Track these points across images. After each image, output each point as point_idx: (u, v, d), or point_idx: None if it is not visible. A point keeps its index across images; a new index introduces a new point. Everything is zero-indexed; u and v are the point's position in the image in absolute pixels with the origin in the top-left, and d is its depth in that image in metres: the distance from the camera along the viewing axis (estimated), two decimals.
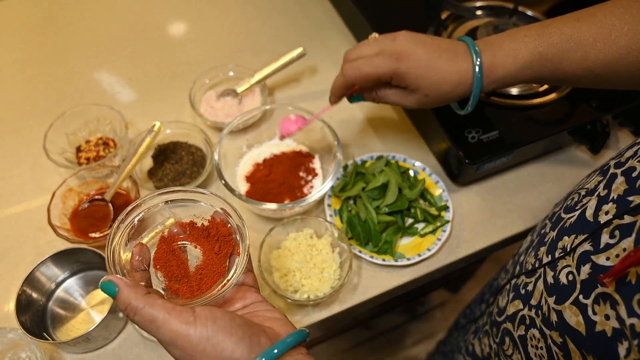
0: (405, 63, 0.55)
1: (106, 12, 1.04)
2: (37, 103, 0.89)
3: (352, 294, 0.69)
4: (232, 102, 0.86)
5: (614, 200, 0.42)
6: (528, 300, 0.51)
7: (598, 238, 0.42)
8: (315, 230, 0.70)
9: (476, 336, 0.70)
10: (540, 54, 0.53)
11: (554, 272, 0.47)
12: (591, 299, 0.40)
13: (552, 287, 0.47)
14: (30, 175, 0.79)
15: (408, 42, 0.55)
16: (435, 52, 0.55)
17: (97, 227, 0.70)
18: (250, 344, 0.35)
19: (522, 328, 0.52)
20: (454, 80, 0.55)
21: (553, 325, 0.45)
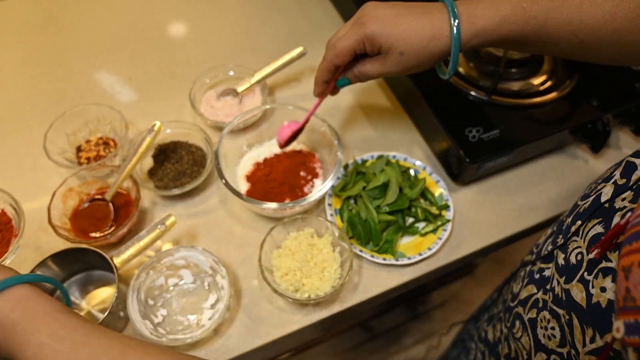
0: (371, 25, 0.53)
1: (106, 12, 1.04)
2: (38, 103, 0.89)
3: (352, 294, 0.69)
4: (232, 101, 0.86)
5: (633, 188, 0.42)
6: (543, 285, 0.52)
7: (610, 222, 0.42)
8: (316, 229, 0.70)
9: (490, 323, 0.70)
10: (523, 9, 0.51)
11: (565, 254, 0.48)
12: (593, 275, 0.42)
13: (563, 268, 0.48)
14: (31, 176, 0.79)
15: (373, 6, 0.55)
16: (402, 9, 0.54)
17: (98, 227, 0.70)
18: None
19: (533, 311, 0.53)
20: (427, 33, 0.53)
21: (563, 305, 0.46)
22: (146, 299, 0.65)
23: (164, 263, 0.67)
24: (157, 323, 0.64)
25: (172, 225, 0.66)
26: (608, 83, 0.79)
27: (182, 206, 0.77)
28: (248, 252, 0.72)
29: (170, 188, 0.74)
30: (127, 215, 0.71)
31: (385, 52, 0.55)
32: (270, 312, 0.67)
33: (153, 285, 0.67)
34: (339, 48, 0.56)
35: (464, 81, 0.79)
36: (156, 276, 0.67)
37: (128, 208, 0.73)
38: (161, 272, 0.67)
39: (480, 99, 0.77)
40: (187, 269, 0.68)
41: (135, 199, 0.70)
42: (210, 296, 0.67)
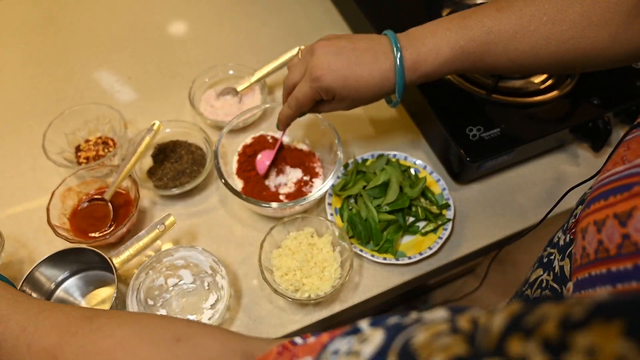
0: (325, 80, 0.55)
1: (106, 12, 1.04)
2: (37, 103, 0.89)
3: (353, 293, 0.69)
4: (232, 100, 0.85)
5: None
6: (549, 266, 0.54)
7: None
8: (316, 229, 0.70)
9: None
10: (461, 48, 0.53)
11: (565, 236, 0.50)
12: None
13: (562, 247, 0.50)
14: (30, 175, 0.79)
15: (324, 54, 0.56)
16: (352, 59, 0.55)
17: (97, 226, 0.70)
18: None
19: (538, 292, 0.54)
20: (376, 83, 0.56)
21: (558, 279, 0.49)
22: (146, 299, 0.65)
23: (163, 263, 0.67)
24: None
25: (171, 225, 0.66)
26: (609, 81, 0.79)
27: (182, 206, 0.76)
28: (248, 251, 0.72)
29: (169, 187, 0.74)
30: (127, 215, 0.71)
31: (339, 99, 0.59)
32: (270, 312, 0.67)
33: (152, 285, 0.66)
34: (301, 100, 0.60)
35: (464, 80, 0.78)
36: (156, 276, 0.67)
37: (127, 208, 0.73)
38: (161, 272, 0.67)
39: (480, 98, 0.76)
40: (187, 269, 0.68)
41: (135, 198, 0.70)
42: (210, 296, 0.67)
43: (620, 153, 0.35)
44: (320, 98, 0.59)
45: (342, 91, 0.56)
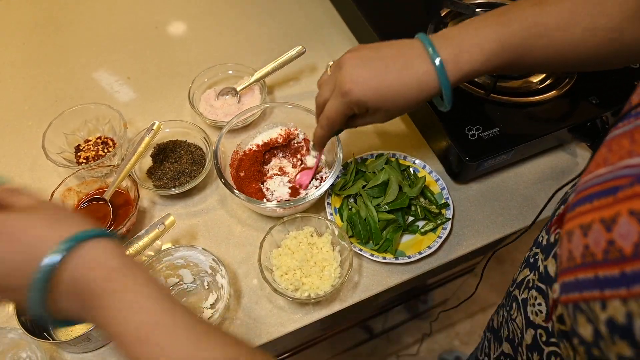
0: (354, 94, 0.53)
1: (106, 11, 1.04)
2: (37, 103, 0.89)
3: (352, 292, 0.69)
4: (231, 100, 0.86)
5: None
6: (535, 266, 0.54)
7: None
8: (315, 228, 0.70)
9: (496, 311, 0.71)
10: (507, 40, 0.51)
11: (548, 235, 0.51)
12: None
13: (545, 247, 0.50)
14: (30, 176, 0.79)
15: (352, 67, 0.53)
16: (381, 68, 0.52)
17: None
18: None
19: (525, 292, 0.54)
20: (411, 89, 0.52)
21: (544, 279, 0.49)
22: None
23: (163, 263, 0.67)
24: None
25: (171, 225, 0.66)
26: (607, 81, 0.79)
27: (182, 205, 0.76)
28: (248, 251, 0.72)
29: (169, 187, 0.74)
30: (126, 214, 0.71)
31: (373, 112, 0.56)
32: (270, 312, 0.67)
33: None
34: (333, 119, 0.57)
35: None
36: (156, 276, 0.67)
37: (127, 208, 0.73)
38: (160, 272, 0.67)
39: (479, 98, 0.77)
40: (187, 269, 0.68)
41: (134, 198, 0.70)
42: (210, 296, 0.67)
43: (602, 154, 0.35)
44: (353, 113, 0.56)
45: (374, 103, 0.53)
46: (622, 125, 0.35)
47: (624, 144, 0.33)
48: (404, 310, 1.51)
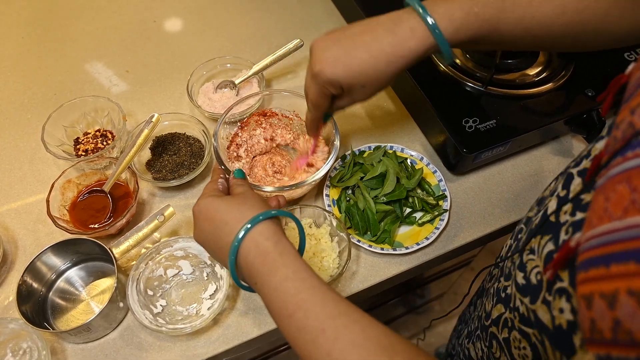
0: (325, 73, 0.53)
1: (105, 5, 1.04)
2: (36, 96, 0.89)
3: (350, 283, 0.70)
4: (229, 93, 0.86)
5: (571, 199, 0.42)
6: (508, 304, 0.52)
7: (558, 236, 0.42)
8: (314, 219, 0.71)
9: (470, 340, 0.71)
10: (476, 14, 0.51)
11: (524, 273, 0.48)
12: (552, 295, 0.41)
13: (525, 288, 0.47)
14: (29, 168, 0.79)
15: (320, 49, 0.54)
16: (348, 45, 0.53)
17: (97, 218, 0.71)
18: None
19: (505, 331, 0.53)
20: (382, 60, 0.52)
21: (533, 324, 0.45)
22: (145, 290, 0.66)
23: (162, 254, 0.67)
24: (156, 313, 0.64)
25: (170, 216, 0.66)
26: (602, 73, 0.80)
27: (181, 197, 0.77)
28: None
29: (168, 179, 0.74)
30: (126, 206, 0.72)
31: (348, 89, 0.56)
32: None
33: (152, 276, 0.67)
34: (314, 101, 0.58)
35: (460, 72, 0.79)
36: (155, 267, 0.67)
37: (126, 199, 0.73)
38: (160, 263, 0.68)
39: (476, 90, 0.77)
40: (186, 260, 0.69)
41: (134, 190, 0.70)
42: (209, 286, 0.68)
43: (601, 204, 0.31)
44: (331, 93, 0.57)
45: (346, 80, 0.54)
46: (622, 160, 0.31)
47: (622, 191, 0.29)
48: (400, 305, 1.52)
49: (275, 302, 0.44)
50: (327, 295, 0.43)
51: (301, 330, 0.42)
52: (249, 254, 0.46)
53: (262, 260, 0.45)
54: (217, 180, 0.56)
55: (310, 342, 0.41)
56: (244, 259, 0.46)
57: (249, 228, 0.46)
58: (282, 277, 0.44)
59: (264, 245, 0.46)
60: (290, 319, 0.43)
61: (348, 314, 0.42)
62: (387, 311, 1.49)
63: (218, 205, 0.50)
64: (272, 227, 0.47)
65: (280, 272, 0.45)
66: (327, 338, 0.41)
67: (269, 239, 0.46)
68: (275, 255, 0.45)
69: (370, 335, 0.41)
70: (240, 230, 0.46)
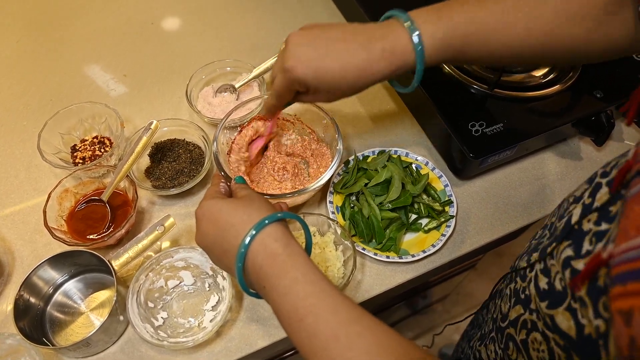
0: (295, 72, 0.52)
1: (101, 7, 1.02)
2: (32, 102, 0.87)
3: (355, 292, 0.68)
4: (229, 98, 0.84)
5: (597, 209, 0.42)
6: (528, 305, 0.51)
7: (580, 244, 0.41)
8: (317, 227, 0.69)
9: (482, 343, 0.69)
10: (441, 39, 0.51)
11: (549, 279, 0.47)
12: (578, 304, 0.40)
13: (546, 293, 0.46)
14: (26, 176, 0.78)
15: (296, 45, 0.53)
16: (322, 49, 0.52)
17: (95, 228, 0.69)
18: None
19: (523, 332, 0.52)
20: (352, 75, 0.52)
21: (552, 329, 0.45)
22: (146, 302, 0.64)
23: (163, 265, 0.66)
24: (157, 326, 0.63)
25: (170, 227, 0.65)
26: (611, 74, 0.78)
27: (181, 205, 0.75)
28: None
29: (168, 187, 0.72)
30: (125, 215, 0.70)
31: (314, 91, 0.55)
32: (273, 313, 0.66)
33: (153, 287, 0.65)
34: (279, 91, 0.57)
35: (465, 74, 0.77)
36: (155, 278, 0.66)
37: (125, 208, 0.71)
38: (160, 274, 0.66)
39: (482, 92, 0.75)
40: (187, 270, 0.67)
41: (133, 199, 0.69)
42: (211, 297, 0.66)
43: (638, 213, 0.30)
44: (296, 89, 0.56)
45: (314, 82, 0.53)
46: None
47: None
48: (404, 306, 1.50)
49: (284, 306, 0.43)
50: (339, 299, 0.42)
51: (311, 336, 0.40)
52: (257, 256, 0.44)
53: (270, 263, 0.44)
54: (219, 184, 0.55)
55: (321, 350, 0.40)
56: (251, 262, 0.45)
57: (257, 230, 0.44)
58: (291, 279, 0.43)
59: (273, 247, 0.44)
60: (300, 324, 0.41)
61: (361, 321, 0.41)
62: (390, 313, 1.48)
63: (222, 206, 0.48)
64: (281, 228, 0.46)
65: (290, 275, 0.43)
66: (340, 346, 0.39)
67: (278, 241, 0.45)
68: (284, 257, 0.44)
69: (385, 344, 0.39)
70: (249, 232, 0.44)
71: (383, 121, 0.85)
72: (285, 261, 0.43)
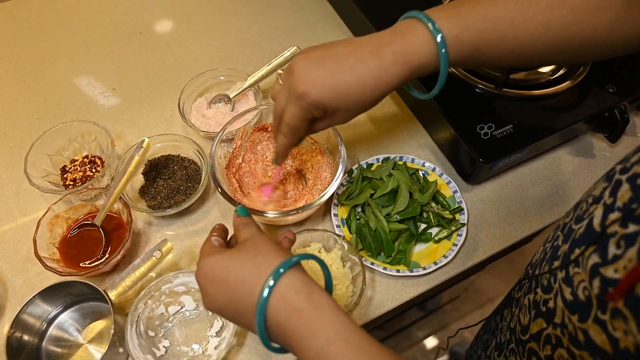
0: (310, 95, 0.49)
1: (85, 18, 0.98)
2: (17, 122, 0.83)
3: (366, 310, 0.65)
4: (224, 108, 0.80)
5: (620, 208, 0.39)
6: (551, 319, 0.48)
7: (606, 249, 0.39)
8: (323, 244, 0.66)
9: (502, 354, 0.66)
10: (455, 37, 0.48)
11: (572, 288, 0.44)
12: (608, 315, 0.37)
13: (573, 304, 0.43)
14: (15, 202, 0.74)
15: (304, 68, 0.50)
16: (334, 66, 0.49)
17: (89, 254, 0.66)
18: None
19: (548, 348, 0.48)
20: (368, 86, 0.50)
21: (582, 345, 0.42)
22: (146, 331, 0.61)
23: (162, 291, 0.62)
24: (159, 356, 0.60)
25: (168, 252, 0.61)
26: (623, 67, 0.74)
27: (179, 224, 0.72)
28: None
29: (164, 207, 0.69)
30: (120, 238, 0.67)
31: (332, 113, 0.52)
32: None
33: (153, 315, 0.62)
34: (294, 124, 0.53)
35: (472, 75, 0.73)
36: (155, 305, 0.62)
37: (120, 231, 0.68)
38: (160, 301, 0.63)
39: (489, 93, 0.72)
40: (188, 295, 0.64)
41: (127, 222, 0.65)
42: (214, 322, 0.63)
43: None
44: (313, 116, 0.53)
45: (332, 102, 0.50)
46: None
47: None
48: (415, 309, 1.48)
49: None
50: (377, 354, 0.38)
51: None
52: (279, 314, 0.40)
53: (296, 321, 0.39)
54: (212, 239, 0.50)
55: None
56: (274, 321, 0.40)
57: (273, 283, 0.40)
58: (323, 340, 0.38)
59: (295, 300, 0.40)
60: None
61: None
62: (402, 317, 1.45)
63: (226, 263, 0.43)
64: (299, 276, 0.41)
65: (321, 334, 0.39)
66: None
67: (299, 293, 0.40)
68: (310, 311, 0.39)
69: None
70: (264, 287, 0.40)
71: (386, 126, 0.81)
72: (312, 317, 0.39)
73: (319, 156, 0.73)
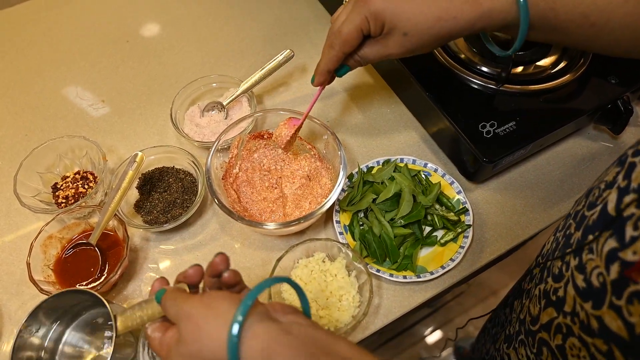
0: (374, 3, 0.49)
1: (70, 28, 0.95)
2: (5, 139, 0.80)
3: (374, 318, 0.63)
4: (218, 116, 0.78)
5: (635, 190, 0.38)
6: (561, 307, 0.47)
7: (622, 232, 0.38)
8: (327, 253, 0.64)
9: (511, 346, 0.65)
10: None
11: (584, 275, 0.43)
12: (624, 300, 0.37)
13: (586, 291, 0.42)
14: (6, 223, 0.72)
15: None
16: None
17: (85, 274, 0.63)
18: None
19: (559, 337, 0.48)
20: (433, 13, 0.49)
21: (595, 333, 0.41)
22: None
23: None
24: None
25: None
26: (624, 58, 0.73)
27: (178, 239, 0.70)
28: (257, 283, 0.65)
29: (161, 222, 0.67)
30: (117, 256, 0.65)
31: (388, 32, 0.51)
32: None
33: None
34: (346, 33, 0.52)
35: (468, 70, 0.72)
36: None
37: (117, 249, 0.66)
38: None
39: (490, 89, 0.70)
40: None
41: (124, 239, 0.63)
42: None
43: None
44: (368, 29, 0.51)
45: (394, 18, 0.49)
46: None
47: None
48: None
49: None
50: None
51: None
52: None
53: None
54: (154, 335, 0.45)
55: None
56: None
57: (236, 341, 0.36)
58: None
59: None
60: None
61: None
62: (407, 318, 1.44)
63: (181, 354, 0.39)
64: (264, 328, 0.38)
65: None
66: None
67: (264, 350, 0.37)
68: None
69: None
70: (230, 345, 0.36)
71: (385, 127, 0.79)
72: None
73: (318, 162, 0.71)
